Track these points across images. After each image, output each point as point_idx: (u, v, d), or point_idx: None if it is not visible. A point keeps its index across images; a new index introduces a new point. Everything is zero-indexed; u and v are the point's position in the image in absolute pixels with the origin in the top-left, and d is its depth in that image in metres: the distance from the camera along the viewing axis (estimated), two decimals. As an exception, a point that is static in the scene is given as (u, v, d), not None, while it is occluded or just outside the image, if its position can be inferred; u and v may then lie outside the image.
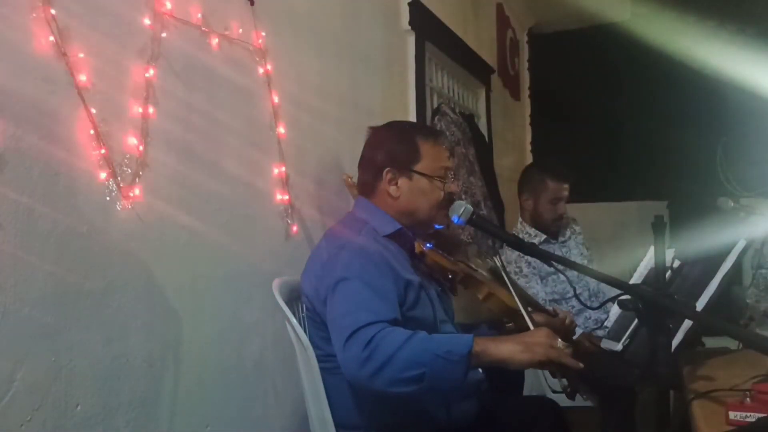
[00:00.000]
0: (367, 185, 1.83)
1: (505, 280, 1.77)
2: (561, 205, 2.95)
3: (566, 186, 2.96)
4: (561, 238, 3.02)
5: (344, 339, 1.47)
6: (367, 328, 1.46)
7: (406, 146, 1.78)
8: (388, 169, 1.77)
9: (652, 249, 1.63)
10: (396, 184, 1.77)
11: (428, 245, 1.75)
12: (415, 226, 1.80)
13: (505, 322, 1.87)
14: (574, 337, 2.09)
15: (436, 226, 1.84)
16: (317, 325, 1.68)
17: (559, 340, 1.57)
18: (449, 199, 1.76)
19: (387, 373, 1.43)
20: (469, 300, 1.82)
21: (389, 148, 1.80)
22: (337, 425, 1.63)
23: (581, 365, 1.53)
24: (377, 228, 1.73)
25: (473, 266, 1.84)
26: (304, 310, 1.76)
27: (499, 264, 1.84)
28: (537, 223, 2.98)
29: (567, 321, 1.94)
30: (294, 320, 1.66)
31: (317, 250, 1.75)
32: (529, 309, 1.83)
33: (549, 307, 2.07)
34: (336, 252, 1.63)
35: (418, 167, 1.77)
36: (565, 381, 1.60)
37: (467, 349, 1.48)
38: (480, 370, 1.77)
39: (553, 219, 2.95)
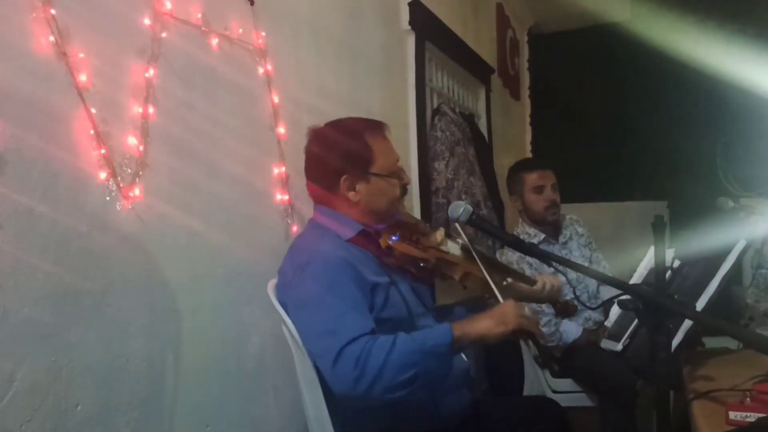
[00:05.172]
0: (322, 194, 1.73)
1: (474, 257, 1.74)
2: (547, 192, 2.96)
3: (540, 173, 2.98)
4: (562, 239, 3.02)
5: (332, 360, 1.46)
6: (352, 345, 1.45)
7: (359, 148, 1.70)
8: (345, 177, 1.68)
9: (652, 249, 1.63)
10: (354, 189, 1.70)
11: (394, 238, 1.68)
12: (378, 222, 1.75)
13: (487, 298, 1.83)
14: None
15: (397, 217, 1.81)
16: None
17: (526, 308, 1.61)
18: (405, 190, 1.77)
19: (382, 383, 1.44)
20: (449, 282, 1.80)
21: (341, 153, 1.69)
22: (335, 425, 1.63)
23: (543, 331, 1.61)
24: (339, 233, 1.68)
25: (444, 249, 1.79)
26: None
27: (465, 240, 1.81)
28: (534, 220, 2.99)
29: (547, 287, 2.00)
30: (289, 322, 1.64)
31: (282, 268, 1.70)
32: (509, 279, 1.85)
33: (528, 274, 2.10)
34: (299, 272, 1.59)
35: (374, 169, 1.70)
36: (536, 351, 1.67)
37: (450, 338, 1.52)
38: (465, 357, 1.76)
39: (545, 207, 2.95)
